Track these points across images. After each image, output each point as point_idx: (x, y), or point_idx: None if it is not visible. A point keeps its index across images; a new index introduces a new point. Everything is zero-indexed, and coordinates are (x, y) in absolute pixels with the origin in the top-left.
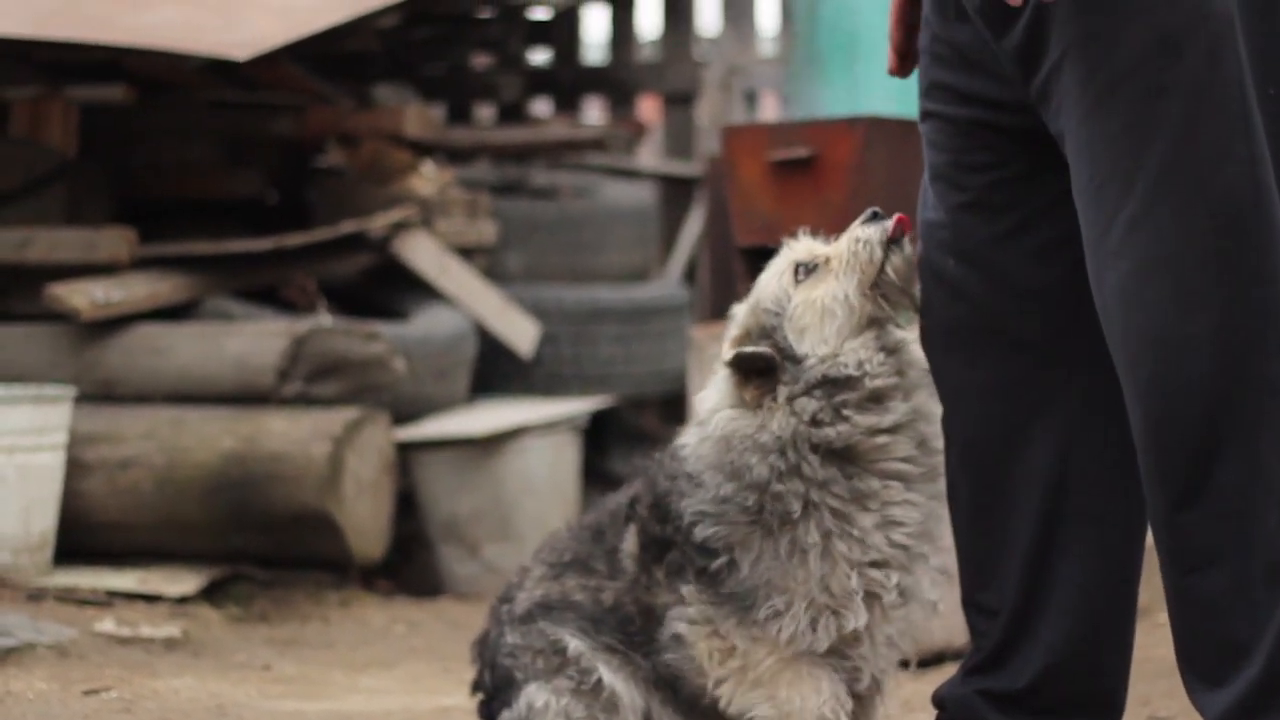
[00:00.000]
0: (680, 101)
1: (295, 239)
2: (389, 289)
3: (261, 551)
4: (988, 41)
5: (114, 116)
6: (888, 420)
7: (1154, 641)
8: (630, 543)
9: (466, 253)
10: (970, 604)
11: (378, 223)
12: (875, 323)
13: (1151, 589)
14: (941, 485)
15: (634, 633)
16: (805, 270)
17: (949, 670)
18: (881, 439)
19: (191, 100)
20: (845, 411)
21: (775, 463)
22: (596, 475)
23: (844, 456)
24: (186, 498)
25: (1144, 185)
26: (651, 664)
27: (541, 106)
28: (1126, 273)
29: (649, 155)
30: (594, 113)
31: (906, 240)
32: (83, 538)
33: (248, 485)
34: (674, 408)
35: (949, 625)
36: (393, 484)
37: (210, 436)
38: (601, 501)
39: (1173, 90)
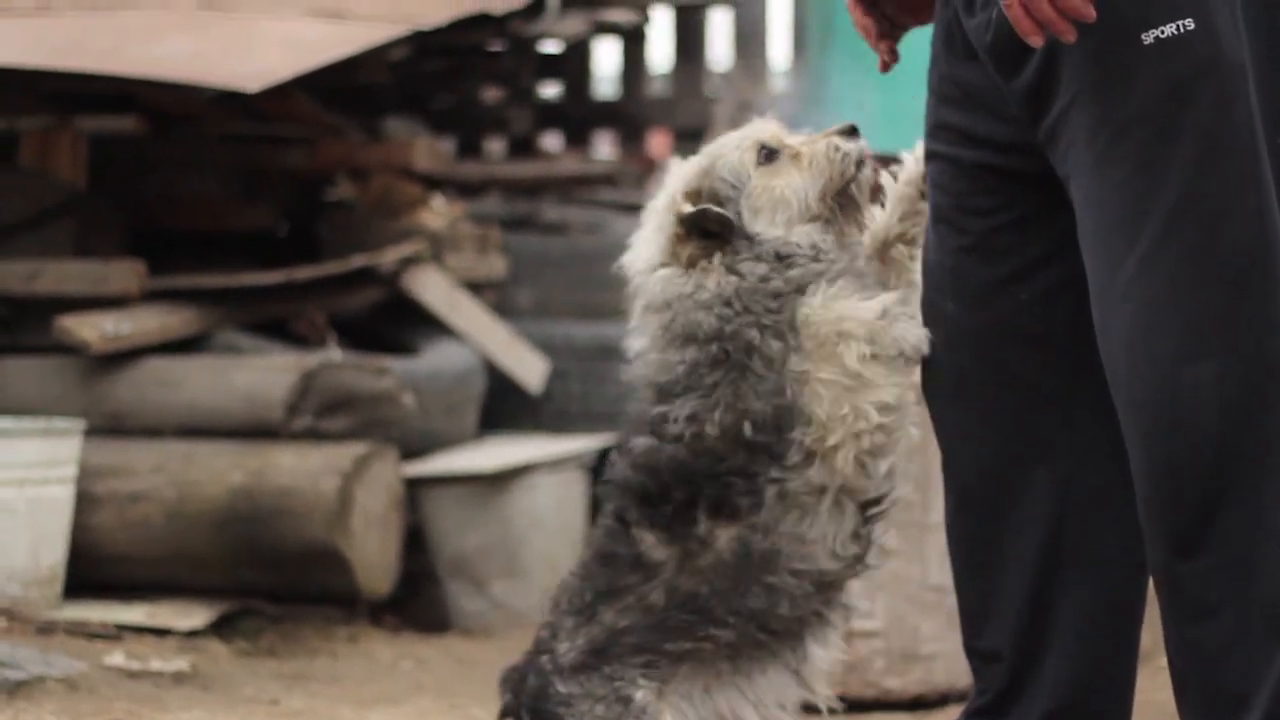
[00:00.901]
0: (691, 137)
1: (305, 272)
2: (398, 323)
3: (270, 586)
4: (997, 82)
5: (124, 148)
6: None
7: (1155, 685)
8: (647, 538)
9: (476, 287)
10: (971, 650)
11: (388, 257)
12: (825, 225)
13: (1153, 633)
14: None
15: (709, 596)
16: (767, 154)
17: (953, 712)
18: None
19: (202, 132)
20: (791, 276)
21: (722, 312)
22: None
23: (785, 295)
24: (196, 532)
25: (1152, 231)
26: (741, 616)
27: (552, 141)
28: (1132, 318)
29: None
30: (604, 147)
31: (869, 165)
32: (92, 571)
33: (256, 520)
34: None
35: (951, 668)
36: (401, 519)
37: (219, 470)
38: (589, 539)
39: (1184, 136)
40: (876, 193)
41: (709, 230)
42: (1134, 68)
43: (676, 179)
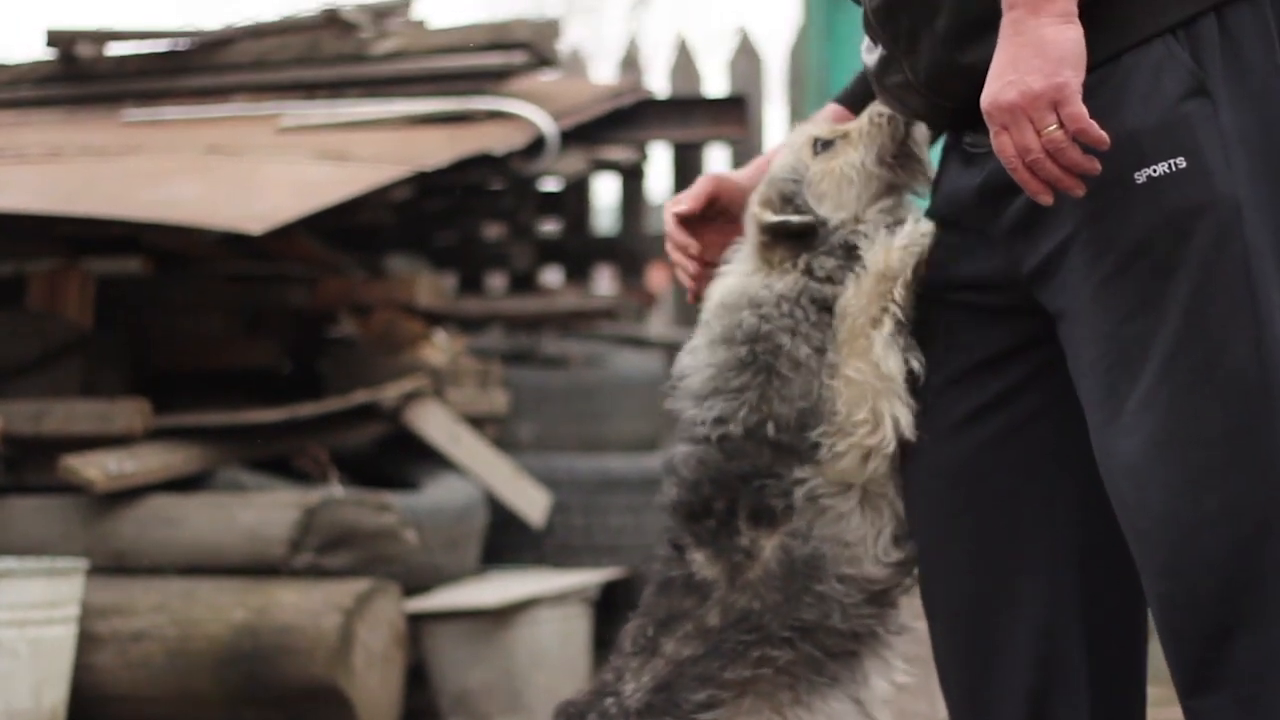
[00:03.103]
0: None
1: (308, 409)
2: (400, 458)
3: None
4: (984, 218)
5: (130, 288)
6: None
7: None
8: (697, 557)
9: (478, 422)
10: None
11: (390, 393)
12: (893, 189)
13: None
14: None
15: (762, 612)
16: (822, 144)
17: None
18: None
19: (206, 272)
20: (853, 279)
21: (768, 312)
22: (608, 647)
23: (832, 310)
24: (198, 670)
25: (1154, 364)
26: (797, 631)
27: (553, 275)
28: (1137, 451)
29: (659, 324)
30: (604, 282)
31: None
32: (94, 711)
33: (259, 658)
34: None
35: None
36: (403, 656)
37: (222, 608)
38: (650, 574)
39: (1182, 271)
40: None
41: (795, 233)
42: (1128, 207)
43: (754, 199)
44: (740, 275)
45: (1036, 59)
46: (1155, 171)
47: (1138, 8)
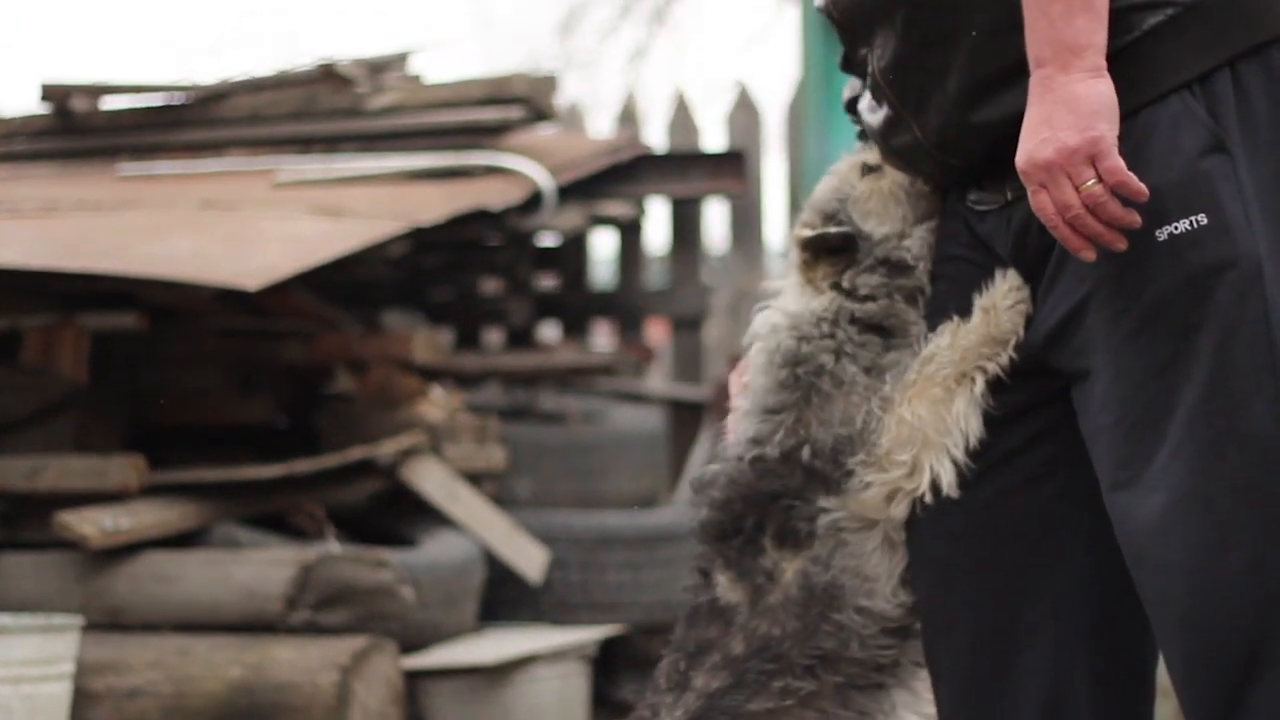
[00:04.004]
0: (688, 325)
1: (304, 465)
2: (398, 514)
3: None
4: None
5: (125, 343)
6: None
7: None
8: (721, 580)
9: (475, 478)
10: None
11: (386, 449)
12: (937, 213)
13: None
14: None
15: (783, 639)
16: (870, 168)
17: None
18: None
19: (202, 327)
20: (896, 296)
21: (807, 333)
22: (606, 705)
23: (883, 330)
24: None
25: (1176, 422)
26: (818, 661)
27: (550, 330)
28: (1159, 510)
29: (658, 379)
30: (602, 337)
31: None
32: None
33: (255, 715)
34: None
35: None
36: (401, 714)
37: (218, 665)
38: (680, 607)
39: (1204, 328)
40: None
41: (835, 248)
42: (1150, 264)
43: (798, 224)
44: (779, 302)
45: (1070, 115)
46: (1177, 229)
47: (1154, 63)
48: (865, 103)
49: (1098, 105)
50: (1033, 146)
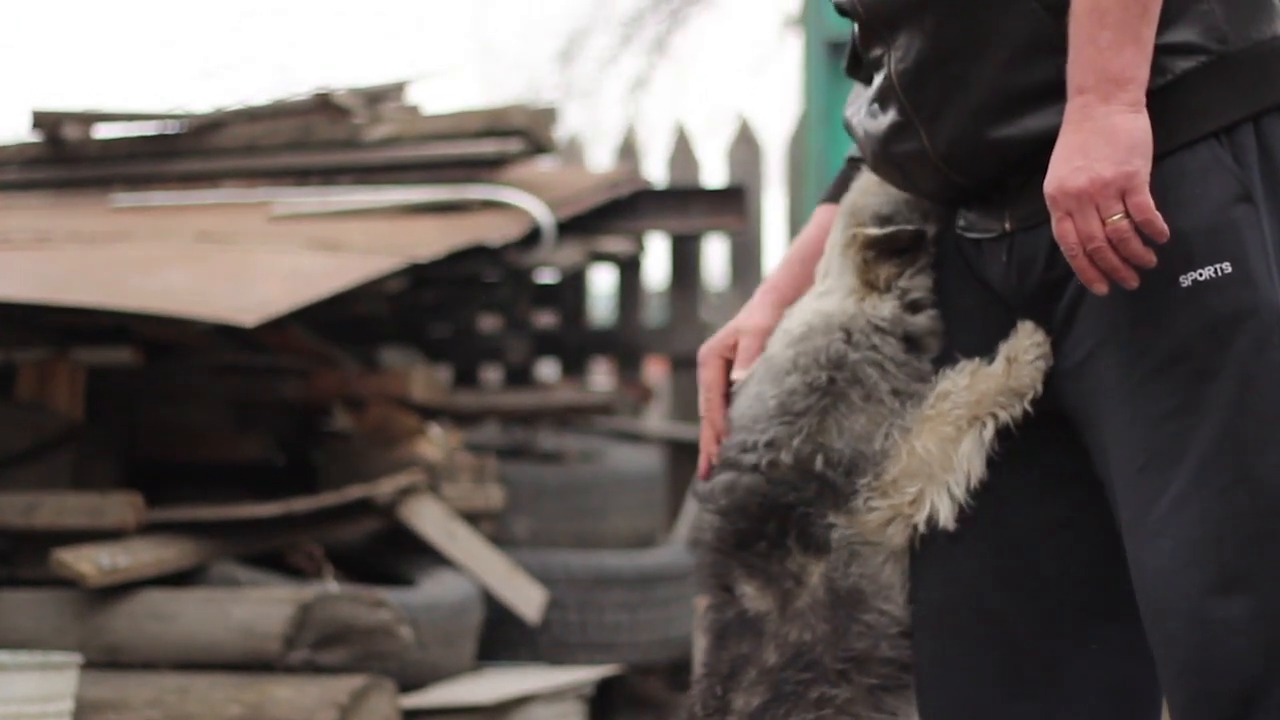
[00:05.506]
0: (687, 364)
1: (302, 504)
2: (395, 554)
3: None
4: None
5: (121, 379)
6: None
7: None
8: (747, 590)
9: (473, 517)
10: None
11: (384, 488)
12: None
13: None
14: None
15: (814, 644)
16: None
17: None
18: None
19: (198, 363)
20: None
21: (859, 340)
22: None
23: (918, 345)
24: None
25: (1187, 468)
26: (850, 664)
27: (549, 369)
28: (1165, 553)
29: (656, 418)
30: (600, 375)
31: None
32: None
33: None
34: (681, 675)
35: None
36: None
37: (216, 704)
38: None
39: (1221, 375)
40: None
41: (903, 248)
42: (1171, 309)
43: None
44: (824, 300)
45: (1107, 146)
46: (1201, 275)
47: (1187, 108)
48: (866, 107)
49: (1135, 140)
50: (1065, 173)
